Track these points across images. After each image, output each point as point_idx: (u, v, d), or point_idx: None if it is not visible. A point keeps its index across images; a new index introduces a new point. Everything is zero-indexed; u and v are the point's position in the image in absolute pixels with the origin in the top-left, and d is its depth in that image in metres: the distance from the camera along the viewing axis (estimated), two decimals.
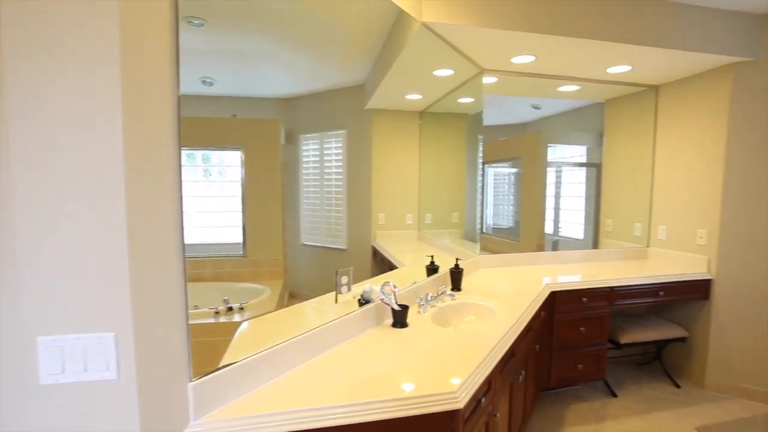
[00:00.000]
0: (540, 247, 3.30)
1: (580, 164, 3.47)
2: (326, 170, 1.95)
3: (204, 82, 1.32)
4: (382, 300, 1.67)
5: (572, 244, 3.42)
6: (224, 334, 1.30)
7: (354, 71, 2.05)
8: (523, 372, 1.92)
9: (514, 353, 1.78)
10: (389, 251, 2.33)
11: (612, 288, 2.61)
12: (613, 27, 2.32)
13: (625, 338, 2.73)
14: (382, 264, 2.26)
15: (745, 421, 2.49)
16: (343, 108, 2.01)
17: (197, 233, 1.33)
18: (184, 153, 1.11)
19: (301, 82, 1.78)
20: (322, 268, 1.78)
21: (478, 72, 2.78)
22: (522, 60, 2.62)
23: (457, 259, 2.35)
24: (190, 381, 1.05)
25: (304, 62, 1.76)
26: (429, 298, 1.98)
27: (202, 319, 1.29)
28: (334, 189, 1.98)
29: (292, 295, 1.70)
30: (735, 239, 2.74)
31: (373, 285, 1.73)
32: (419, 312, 1.90)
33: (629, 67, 2.79)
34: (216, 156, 1.43)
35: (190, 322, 1.08)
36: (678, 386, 2.92)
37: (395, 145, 2.48)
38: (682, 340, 2.86)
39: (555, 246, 3.40)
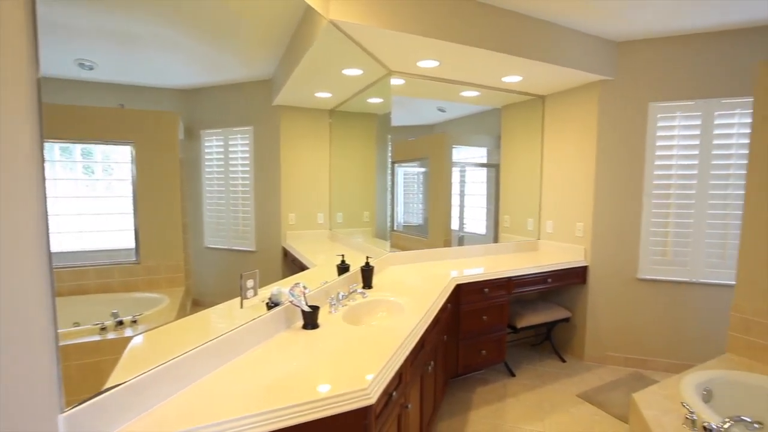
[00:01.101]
0: (447, 243, 3.50)
1: (482, 165, 3.75)
2: (232, 168, 1.85)
3: (82, 65, 1.15)
4: (291, 302, 1.63)
5: (476, 239, 3.69)
6: (113, 352, 1.17)
7: (260, 65, 1.96)
8: (432, 363, 2.02)
9: (424, 345, 1.87)
10: (300, 251, 2.28)
11: (509, 278, 2.87)
12: (507, 40, 2.54)
13: (522, 323, 3.03)
14: (293, 265, 2.20)
15: (612, 383, 2.93)
16: (249, 103, 1.92)
17: (78, 239, 1.17)
18: (57, 146, 0.95)
19: (203, 73, 1.65)
20: (230, 271, 1.68)
21: (386, 73, 2.85)
22: (427, 64, 2.75)
23: (367, 258, 2.38)
24: (62, 412, 0.91)
25: (205, 52, 1.64)
26: (340, 297, 1.98)
27: (84, 337, 1.14)
28: (241, 188, 1.88)
29: (196, 303, 1.58)
30: (604, 231, 3.20)
31: (281, 287, 1.67)
32: (331, 312, 1.89)
33: (521, 78, 3.09)
34: (100, 151, 1.26)
35: (65, 343, 0.94)
36: (564, 360, 3.32)
37: (305, 143, 2.43)
38: (567, 320, 3.26)
39: (461, 241, 3.64)
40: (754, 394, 1.98)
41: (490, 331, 2.82)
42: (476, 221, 3.75)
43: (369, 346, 1.53)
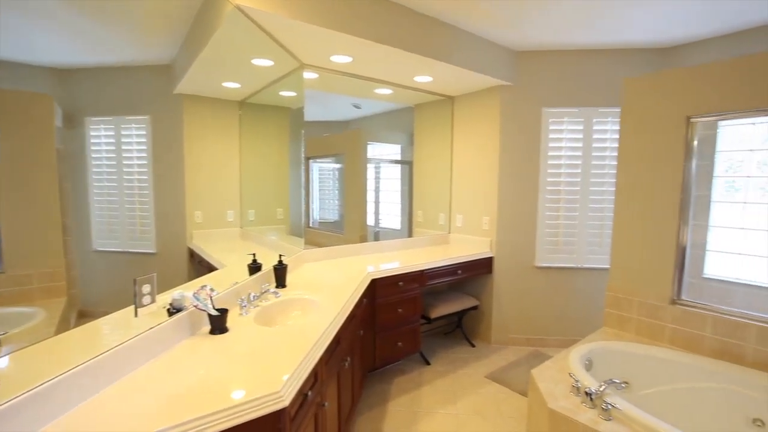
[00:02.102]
0: (363, 239, 3.54)
1: (396, 161, 3.84)
2: (126, 162, 1.65)
3: None
4: (196, 306, 1.51)
5: (391, 234, 3.78)
6: None
7: (158, 48, 1.78)
8: (349, 358, 2.02)
9: (340, 341, 1.86)
10: (208, 252, 2.13)
11: (423, 271, 2.99)
12: (419, 41, 2.63)
13: (435, 313, 3.17)
14: (200, 266, 2.05)
15: (515, 362, 3.21)
16: (145, 89, 1.73)
17: None
18: None
19: (86, 51, 1.45)
20: (126, 277, 1.50)
21: (298, 66, 2.77)
22: (340, 59, 2.73)
23: (280, 256, 2.31)
24: None
25: (88, 26, 1.43)
26: (252, 298, 1.89)
27: None
28: (138, 184, 1.69)
29: (83, 315, 1.39)
30: (506, 224, 3.48)
31: (185, 291, 1.55)
32: (241, 314, 1.79)
33: (431, 78, 3.22)
34: None
35: None
36: (473, 345, 3.56)
37: (212, 135, 2.27)
38: (475, 308, 3.50)
39: (376, 237, 3.70)
40: (623, 359, 2.32)
41: (406, 323, 2.92)
42: (391, 217, 3.84)
43: (282, 346, 1.48)
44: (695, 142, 2.36)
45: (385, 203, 3.78)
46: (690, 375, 2.18)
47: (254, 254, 2.27)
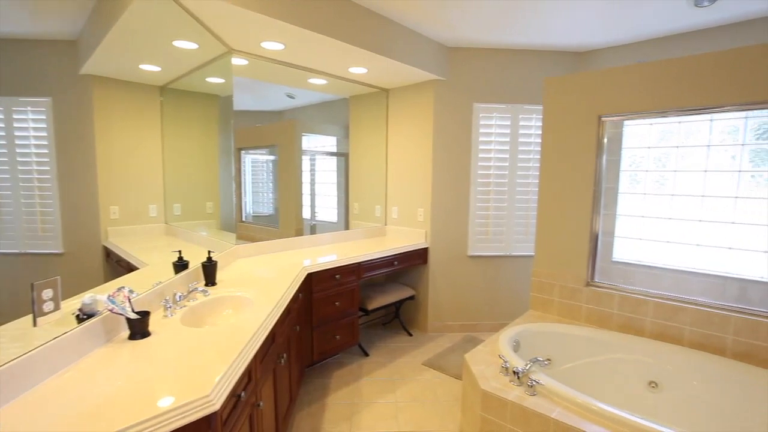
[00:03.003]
0: (299, 232, 3.45)
1: (332, 153, 3.79)
2: (21, 150, 1.44)
3: None
4: (111, 311, 1.37)
5: (328, 227, 3.73)
6: None
7: (59, 20, 1.57)
8: (285, 355, 1.97)
9: (275, 338, 1.81)
10: (127, 250, 1.94)
11: (359, 263, 2.99)
12: (354, 32, 2.59)
13: (372, 305, 3.20)
14: (118, 266, 1.86)
15: (450, 348, 3.35)
16: (43, 68, 1.52)
17: None
18: None
19: None
20: (25, 281, 1.32)
21: (226, 51, 2.61)
22: (272, 46, 2.62)
23: (209, 252, 2.18)
24: None
25: None
26: (178, 298, 1.76)
27: None
28: (37, 175, 1.48)
29: None
30: (440, 215, 3.60)
31: (97, 295, 1.40)
32: (166, 315, 1.67)
33: (366, 70, 3.21)
34: None
35: None
36: (411, 335, 3.65)
37: (129, 122, 2.06)
38: (412, 298, 3.58)
39: (313, 230, 3.63)
40: (546, 338, 2.51)
41: (343, 315, 2.91)
42: (328, 209, 3.79)
43: (213, 347, 1.40)
44: (605, 140, 2.60)
45: (322, 196, 3.72)
46: (601, 348, 2.42)
47: (180, 251, 2.12)
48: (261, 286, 2.14)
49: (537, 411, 1.72)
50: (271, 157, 3.33)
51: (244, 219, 3.07)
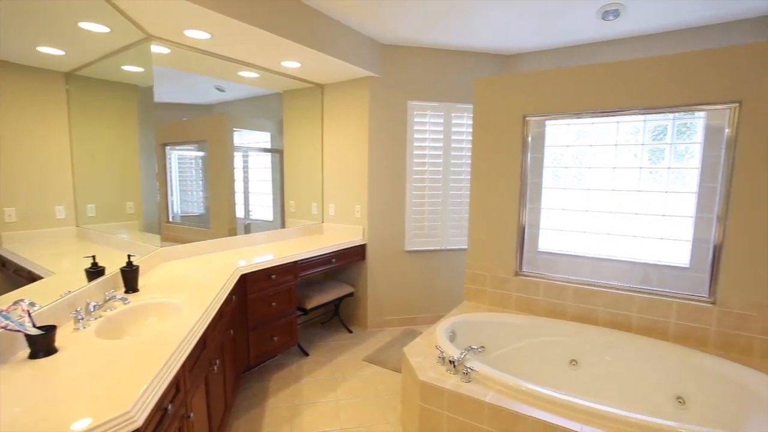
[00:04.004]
0: (232, 232, 3.29)
1: (266, 150, 3.65)
2: None
3: None
4: (5, 327, 1.20)
5: (263, 225, 3.60)
6: None
7: None
8: (218, 361, 1.87)
9: (206, 345, 1.71)
10: (26, 258, 1.72)
11: (296, 262, 2.93)
12: (286, 25, 2.51)
13: (311, 303, 3.15)
14: (18, 277, 1.64)
15: (390, 343, 3.40)
16: None
17: None
18: None
19: None
20: None
21: (144, 38, 2.41)
22: (197, 35, 2.46)
23: (129, 256, 2.00)
24: None
25: None
26: (92, 308, 1.60)
27: None
28: None
29: None
30: (377, 211, 3.63)
31: None
32: (77, 328, 1.50)
33: (299, 64, 3.13)
34: None
35: None
36: (351, 332, 3.64)
37: (27, 113, 1.81)
38: (351, 295, 3.58)
39: (247, 229, 3.48)
40: (480, 327, 2.64)
41: (281, 316, 2.83)
42: (263, 208, 3.66)
43: (134, 359, 1.28)
44: (530, 138, 2.78)
45: (256, 194, 3.58)
46: (529, 333, 2.59)
47: (94, 256, 1.92)
48: (190, 290, 2.01)
49: (472, 396, 1.80)
50: (200, 154, 3.14)
51: (171, 219, 2.86)
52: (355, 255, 3.54)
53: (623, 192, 2.88)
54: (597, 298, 2.55)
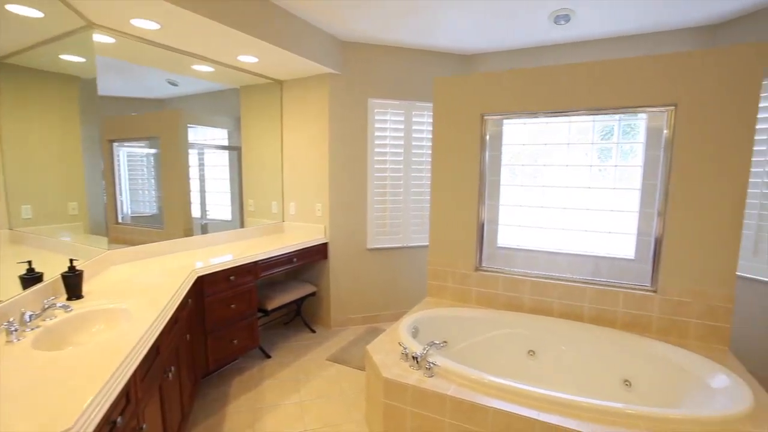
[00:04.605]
0: (188, 233, 3.16)
1: (223, 147, 3.53)
2: None
3: None
4: None
5: (221, 225, 3.48)
6: None
7: None
8: (173, 368, 1.79)
9: (160, 352, 1.63)
10: None
11: (256, 262, 2.85)
12: (240, 17, 2.43)
13: (272, 304, 3.08)
14: None
15: (353, 341, 3.39)
16: None
17: None
18: None
19: None
20: None
21: (85, 25, 2.25)
22: (144, 25, 2.33)
23: (71, 260, 1.86)
24: None
25: None
26: (27, 318, 1.47)
27: None
28: None
29: None
30: (339, 209, 3.60)
31: None
32: (11, 341, 1.38)
33: (256, 59, 3.04)
34: None
35: None
36: (314, 331, 3.60)
37: None
38: (313, 294, 3.53)
39: (204, 229, 3.35)
40: (442, 322, 2.68)
41: (241, 318, 2.75)
42: (221, 207, 3.53)
43: (79, 371, 1.20)
44: (488, 137, 2.85)
45: (213, 193, 3.45)
46: (490, 326, 2.66)
47: (30, 262, 1.77)
48: (141, 295, 1.91)
49: (435, 391, 1.83)
50: (152, 151, 2.98)
51: (120, 220, 2.70)
52: (316, 254, 3.49)
53: (575, 189, 3.02)
54: (552, 290, 2.67)
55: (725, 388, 1.82)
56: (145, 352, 1.40)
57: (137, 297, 1.87)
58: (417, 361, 2.00)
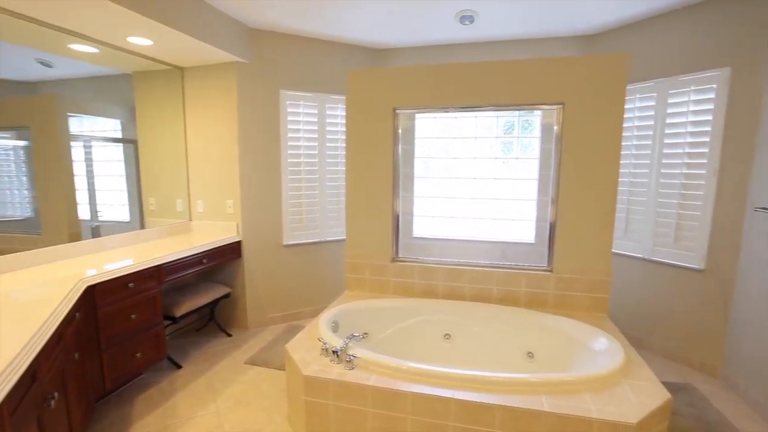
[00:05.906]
0: (75, 237, 2.77)
1: (116, 140, 3.15)
2: None
3: None
4: None
5: (118, 227, 3.11)
6: None
7: None
8: (56, 394, 1.56)
9: (37, 377, 1.41)
10: None
11: (159, 266, 2.60)
12: None
13: (181, 310, 2.85)
14: None
15: (273, 341, 3.28)
16: None
17: None
18: None
19: None
20: None
21: None
22: None
23: None
24: None
25: None
26: None
27: None
28: None
29: None
30: (251, 206, 3.44)
31: None
32: None
33: (151, 42, 2.75)
34: None
35: None
36: (230, 335, 3.41)
37: None
38: (227, 296, 3.34)
39: (96, 233, 2.97)
40: (361, 314, 2.71)
41: (144, 328, 2.50)
42: (116, 207, 3.16)
43: None
44: (400, 130, 2.92)
45: (106, 191, 3.06)
46: (408, 314, 2.75)
47: None
48: (10, 313, 1.63)
49: (356, 383, 1.85)
50: (22, 143, 2.55)
51: None
52: (229, 253, 3.30)
53: (483, 180, 3.23)
54: (464, 276, 2.84)
55: (605, 350, 2.10)
56: (15, 380, 1.20)
57: (4, 316, 1.60)
58: (337, 356, 2.00)
